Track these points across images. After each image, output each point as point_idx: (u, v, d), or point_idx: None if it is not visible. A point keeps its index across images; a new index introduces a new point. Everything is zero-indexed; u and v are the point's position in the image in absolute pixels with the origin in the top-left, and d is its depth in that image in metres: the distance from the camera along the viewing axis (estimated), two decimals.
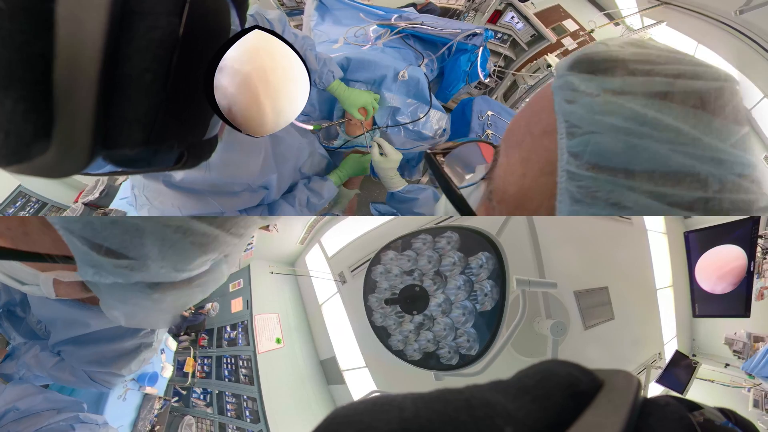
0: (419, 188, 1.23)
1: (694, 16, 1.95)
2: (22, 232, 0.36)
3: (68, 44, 0.27)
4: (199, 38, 0.34)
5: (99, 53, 0.28)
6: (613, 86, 0.33)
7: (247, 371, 2.20)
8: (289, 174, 1.13)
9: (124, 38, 0.29)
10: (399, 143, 1.46)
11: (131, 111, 0.31)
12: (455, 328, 1.10)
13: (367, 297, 1.24)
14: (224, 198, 0.98)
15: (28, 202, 1.89)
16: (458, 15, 2.53)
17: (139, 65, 0.30)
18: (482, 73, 1.59)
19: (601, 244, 1.81)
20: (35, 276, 0.39)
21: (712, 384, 1.94)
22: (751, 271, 1.69)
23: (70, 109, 0.28)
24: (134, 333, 1.02)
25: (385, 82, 1.34)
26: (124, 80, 0.30)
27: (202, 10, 0.33)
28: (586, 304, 1.65)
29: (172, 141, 0.36)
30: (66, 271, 0.38)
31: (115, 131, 0.31)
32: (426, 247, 1.15)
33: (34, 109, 0.28)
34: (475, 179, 0.47)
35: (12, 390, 1.05)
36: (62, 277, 0.38)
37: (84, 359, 1.03)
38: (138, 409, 1.94)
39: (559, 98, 0.35)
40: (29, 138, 0.28)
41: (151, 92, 0.31)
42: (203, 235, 0.37)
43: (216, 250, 0.41)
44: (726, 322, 1.94)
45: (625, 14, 2.25)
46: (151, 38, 0.30)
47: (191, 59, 0.33)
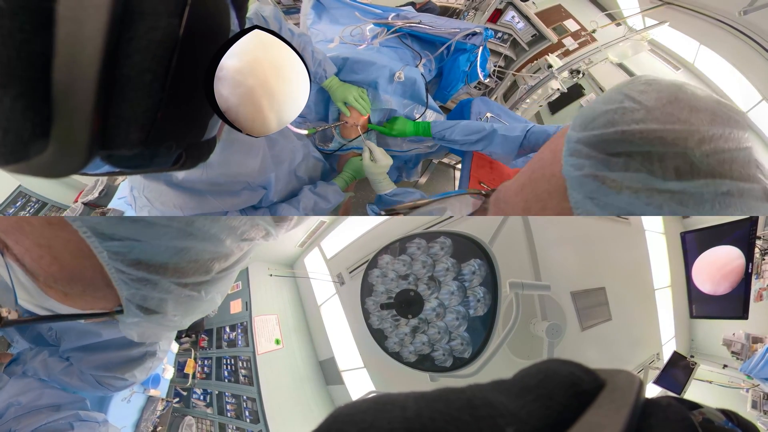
0: (406, 191, 1.25)
1: (696, 17, 1.95)
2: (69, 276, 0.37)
3: (68, 43, 0.27)
4: (199, 39, 0.34)
5: (98, 53, 0.27)
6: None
7: (246, 372, 2.20)
8: (284, 176, 1.14)
9: (124, 38, 0.29)
10: (395, 145, 1.46)
11: (130, 111, 0.31)
12: (449, 332, 1.13)
13: (364, 300, 1.26)
14: (225, 197, 0.99)
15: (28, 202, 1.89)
16: (458, 14, 2.53)
17: (139, 65, 0.30)
18: (482, 73, 1.59)
19: (599, 245, 1.81)
20: (69, 309, 0.41)
21: (710, 385, 1.94)
22: (749, 272, 1.69)
23: (68, 108, 0.28)
24: (140, 342, 1.08)
25: (380, 84, 1.33)
26: (123, 80, 0.30)
27: (202, 12, 0.33)
28: (583, 305, 1.65)
29: (170, 142, 0.36)
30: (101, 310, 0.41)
31: (113, 131, 0.31)
32: (420, 251, 1.17)
33: (32, 108, 0.28)
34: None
35: (15, 384, 1.08)
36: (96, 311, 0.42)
37: (92, 364, 1.09)
38: (141, 411, 1.96)
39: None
40: (27, 137, 0.28)
41: (150, 93, 0.31)
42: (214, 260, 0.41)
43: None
44: (725, 322, 1.94)
45: (626, 14, 2.25)
46: (151, 39, 0.30)
47: (190, 60, 0.33)
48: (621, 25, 2.25)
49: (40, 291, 0.38)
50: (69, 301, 0.39)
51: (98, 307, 0.40)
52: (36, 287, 0.37)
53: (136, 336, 0.44)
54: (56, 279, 0.36)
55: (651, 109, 0.40)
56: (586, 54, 2.16)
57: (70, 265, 0.35)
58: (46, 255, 0.35)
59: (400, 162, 1.57)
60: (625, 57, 2.16)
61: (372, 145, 1.27)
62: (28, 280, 0.37)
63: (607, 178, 0.41)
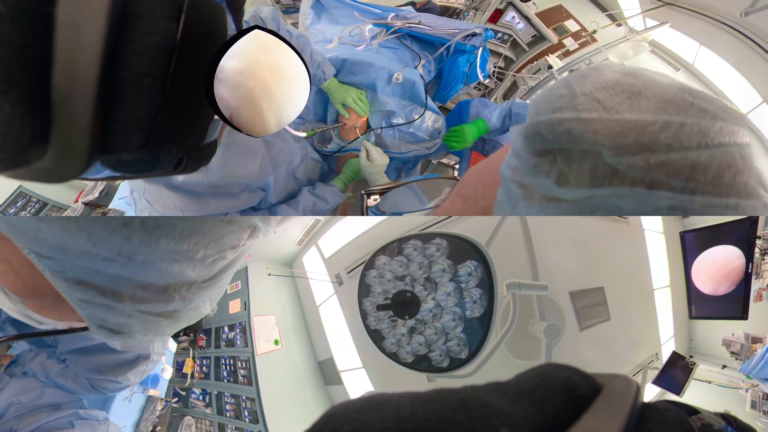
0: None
1: (697, 18, 1.94)
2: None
3: (67, 48, 0.27)
4: (197, 43, 0.34)
5: (97, 57, 0.27)
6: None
7: (245, 372, 2.20)
8: (282, 178, 1.14)
9: (122, 42, 0.29)
10: (394, 146, 1.46)
11: (129, 115, 0.31)
12: (446, 333, 1.14)
13: (362, 301, 1.27)
14: (224, 199, 0.99)
15: (28, 203, 1.89)
16: (458, 14, 2.53)
17: (138, 69, 0.30)
18: (481, 74, 1.58)
19: (597, 244, 1.81)
20: (54, 323, 0.41)
21: (709, 385, 1.94)
22: (749, 272, 1.69)
23: (68, 113, 0.28)
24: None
25: (379, 85, 1.33)
26: (122, 84, 0.30)
27: (198, 15, 0.33)
28: (582, 305, 1.65)
29: (170, 145, 0.36)
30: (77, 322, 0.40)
31: (113, 135, 0.31)
32: (417, 253, 1.18)
33: (32, 113, 0.27)
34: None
35: (16, 384, 1.09)
36: (75, 325, 0.42)
37: (86, 367, 1.11)
38: (141, 411, 1.98)
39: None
40: (27, 142, 0.28)
41: (149, 96, 0.31)
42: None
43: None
44: (724, 322, 1.94)
45: (627, 15, 2.25)
46: (149, 42, 0.30)
47: (189, 63, 0.33)
48: (622, 25, 2.25)
49: (21, 302, 0.36)
50: (45, 312, 0.38)
51: (74, 318, 0.38)
52: (18, 299, 0.36)
53: (119, 346, 0.43)
54: (23, 294, 0.35)
55: (577, 95, 0.31)
56: (586, 55, 2.16)
57: (30, 282, 0.34)
58: (9, 271, 0.34)
59: (399, 163, 1.57)
60: (626, 58, 2.16)
61: (369, 144, 1.28)
62: (12, 293, 0.36)
63: (527, 186, 0.34)
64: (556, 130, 0.31)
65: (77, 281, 0.31)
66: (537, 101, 0.35)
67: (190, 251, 0.33)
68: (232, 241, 0.36)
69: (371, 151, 1.26)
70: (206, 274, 0.36)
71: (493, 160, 0.46)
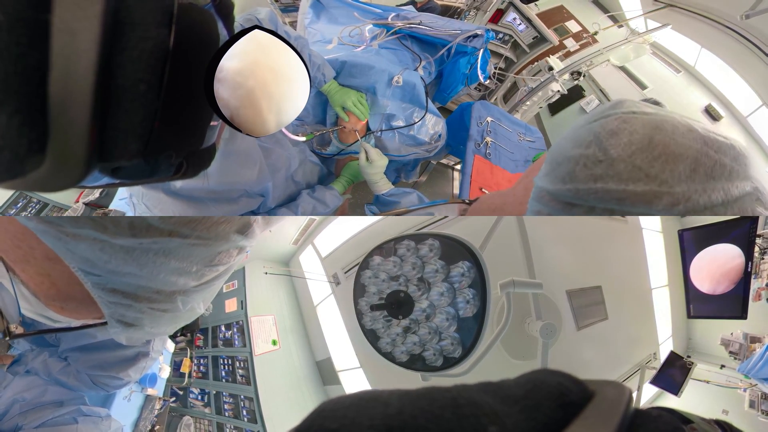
0: (403, 192, 1.27)
1: (698, 20, 1.95)
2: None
3: (63, 55, 0.27)
4: (189, 48, 0.34)
5: (93, 64, 0.27)
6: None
7: (243, 372, 2.20)
8: (281, 183, 1.14)
9: (116, 49, 0.29)
10: (394, 148, 1.45)
11: (126, 122, 0.31)
12: (439, 332, 1.14)
13: (357, 301, 1.28)
14: (223, 204, 0.99)
15: (29, 203, 1.89)
16: (459, 14, 2.52)
17: (133, 75, 0.30)
18: (482, 76, 1.58)
19: (595, 243, 1.80)
20: (69, 321, 0.47)
21: (708, 385, 1.94)
22: (749, 271, 1.68)
23: (65, 122, 0.28)
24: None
25: (378, 88, 1.32)
26: (118, 91, 0.30)
27: (189, 21, 0.33)
28: (579, 304, 1.64)
29: (168, 151, 0.36)
30: (93, 320, 0.47)
31: (110, 143, 0.31)
32: (410, 253, 1.19)
33: (28, 123, 0.27)
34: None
35: (19, 382, 1.12)
36: (89, 322, 0.48)
37: (88, 364, 1.14)
38: (140, 410, 2.00)
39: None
40: (24, 153, 0.28)
41: (145, 102, 0.31)
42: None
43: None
44: (722, 322, 1.94)
45: (629, 16, 2.25)
46: (143, 48, 0.30)
47: (183, 69, 0.33)
48: (623, 27, 2.25)
49: (41, 303, 0.42)
50: (65, 313, 0.44)
51: (89, 317, 0.45)
52: (38, 301, 0.42)
53: (124, 340, 0.48)
54: (54, 298, 0.42)
55: (615, 161, 0.36)
56: (587, 56, 2.16)
57: (65, 289, 0.41)
58: (46, 281, 0.40)
59: (399, 165, 1.57)
60: (627, 59, 2.16)
61: (368, 146, 1.28)
62: (32, 296, 0.42)
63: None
64: (604, 198, 0.36)
65: (112, 290, 0.40)
66: (562, 158, 0.39)
67: (187, 268, 0.41)
68: (222, 259, 0.44)
69: (370, 153, 1.25)
70: (198, 281, 0.44)
71: (509, 203, 0.52)
